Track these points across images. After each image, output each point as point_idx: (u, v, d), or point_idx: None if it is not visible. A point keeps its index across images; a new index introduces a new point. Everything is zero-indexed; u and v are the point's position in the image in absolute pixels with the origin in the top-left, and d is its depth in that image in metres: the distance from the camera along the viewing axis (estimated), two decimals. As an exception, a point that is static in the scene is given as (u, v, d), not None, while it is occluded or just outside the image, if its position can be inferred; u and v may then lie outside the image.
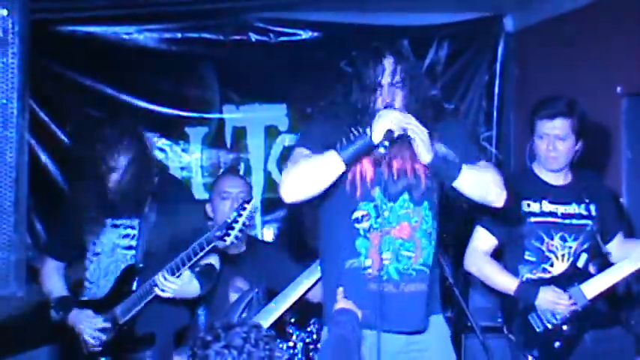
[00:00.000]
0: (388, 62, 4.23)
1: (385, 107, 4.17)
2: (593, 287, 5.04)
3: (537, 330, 5.08)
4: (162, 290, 4.88)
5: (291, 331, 5.66)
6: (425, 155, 4.09)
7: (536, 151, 5.17)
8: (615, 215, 5.36)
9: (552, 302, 5.01)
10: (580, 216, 5.12)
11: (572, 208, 5.13)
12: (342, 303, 4.02)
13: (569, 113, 5.09)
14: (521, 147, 7.70)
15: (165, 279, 4.85)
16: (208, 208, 5.65)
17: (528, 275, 5.12)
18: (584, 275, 5.06)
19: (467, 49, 7.90)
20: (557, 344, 5.05)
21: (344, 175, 4.18)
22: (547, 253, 5.10)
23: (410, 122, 4.08)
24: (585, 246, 5.09)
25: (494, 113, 7.96)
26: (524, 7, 7.51)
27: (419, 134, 4.07)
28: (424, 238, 4.29)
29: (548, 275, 5.10)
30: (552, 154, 5.09)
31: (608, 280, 5.04)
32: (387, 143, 4.03)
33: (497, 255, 5.27)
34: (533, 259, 5.11)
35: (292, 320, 5.67)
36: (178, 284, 4.87)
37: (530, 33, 7.57)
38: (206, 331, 3.16)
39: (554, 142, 5.08)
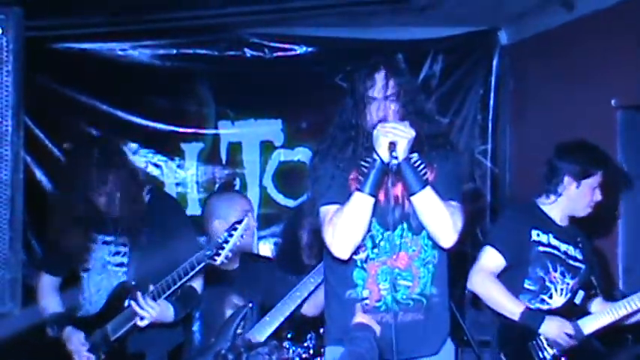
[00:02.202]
0: (380, 76, 4.22)
1: (379, 121, 4.16)
2: (590, 324, 5.08)
3: (536, 359, 5.07)
4: (142, 318, 4.88)
5: (287, 346, 5.65)
6: (400, 155, 4.07)
7: (577, 198, 5.21)
8: (599, 274, 5.43)
9: (558, 331, 5.02)
10: (575, 259, 5.19)
11: (570, 250, 5.19)
12: (359, 317, 3.99)
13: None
14: (516, 160, 7.71)
15: (143, 306, 4.85)
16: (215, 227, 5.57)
17: (527, 304, 5.12)
18: (580, 312, 5.10)
19: (462, 63, 7.91)
20: None
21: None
22: (547, 284, 5.12)
23: (396, 127, 4.08)
24: (581, 285, 5.15)
25: (490, 127, 7.96)
26: (518, 21, 7.51)
27: (401, 135, 4.06)
28: (422, 267, 4.28)
29: (545, 307, 5.11)
30: (595, 204, 5.21)
31: (605, 319, 5.08)
32: (395, 154, 4.05)
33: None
34: (533, 288, 5.12)
35: (289, 336, 5.66)
36: (157, 310, 4.87)
37: (525, 46, 7.58)
38: (228, 350, 3.12)
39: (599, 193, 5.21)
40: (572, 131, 5.96)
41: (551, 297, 5.12)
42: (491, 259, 5.17)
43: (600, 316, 5.10)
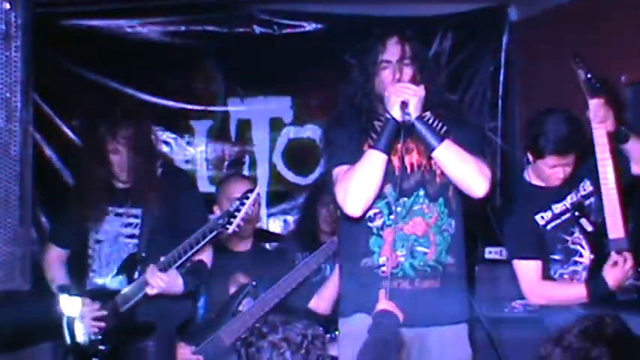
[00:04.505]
0: (392, 40, 4.27)
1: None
2: (615, 228, 4.88)
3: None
4: (151, 287, 4.91)
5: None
6: (412, 113, 4.10)
7: (540, 171, 5.05)
8: None
9: (622, 275, 4.85)
10: (583, 197, 5.07)
11: (572, 196, 5.08)
12: (383, 304, 3.97)
13: (576, 147, 4.97)
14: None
15: (153, 275, 4.88)
16: (217, 210, 5.56)
17: (561, 271, 5.07)
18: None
19: (471, 40, 7.90)
20: None
21: None
22: (572, 247, 5.04)
23: (407, 86, 4.13)
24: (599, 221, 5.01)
25: (499, 104, 7.95)
26: (528, -3, 7.51)
27: (412, 94, 4.10)
28: (439, 235, 4.30)
29: (580, 267, 5.04)
30: (561, 177, 5.02)
31: (613, 211, 4.88)
32: (408, 111, 4.08)
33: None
34: (559, 257, 5.06)
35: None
36: (165, 280, 4.89)
37: (534, 23, 7.56)
38: (262, 323, 3.13)
39: (564, 170, 5.01)
40: (581, 108, 5.94)
41: (581, 255, 5.04)
42: (528, 270, 5.07)
43: (609, 214, 4.87)
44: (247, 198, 4.82)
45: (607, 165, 4.87)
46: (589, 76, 4.89)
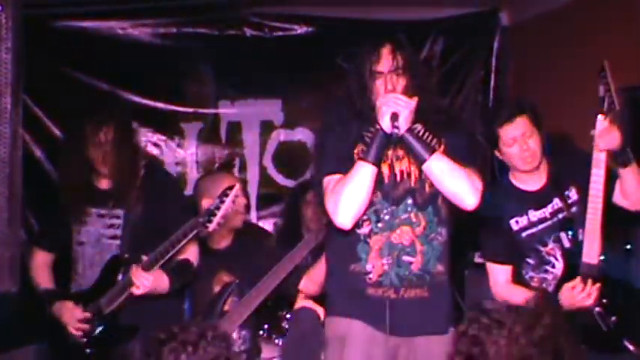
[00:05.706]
0: (385, 50, 4.20)
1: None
2: (590, 248, 4.80)
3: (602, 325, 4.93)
4: (136, 287, 4.90)
5: (286, 326, 5.65)
6: (402, 125, 4.06)
7: (508, 159, 5.01)
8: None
9: (578, 300, 4.81)
10: (564, 208, 5.03)
11: (556, 203, 5.05)
12: (302, 302, 4.00)
13: (523, 111, 4.91)
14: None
15: (136, 276, 4.87)
16: (207, 203, 5.53)
17: (532, 274, 5.06)
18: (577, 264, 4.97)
19: (462, 44, 7.90)
20: (612, 318, 4.85)
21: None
22: (547, 258, 5.03)
23: (398, 97, 4.09)
24: (580, 236, 4.99)
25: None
26: (519, 2, 7.50)
27: (402, 106, 4.05)
28: (427, 244, 4.24)
29: (551, 276, 5.03)
30: (527, 153, 4.93)
31: (593, 235, 4.81)
32: (397, 124, 4.03)
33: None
34: (532, 261, 5.04)
35: (287, 316, 5.66)
36: (151, 280, 4.88)
37: (526, 27, 7.57)
38: (161, 330, 3.12)
39: (526, 141, 4.92)
40: (571, 112, 5.95)
41: (553, 267, 5.03)
42: (497, 273, 5.07)
43: (588, 238, 4.79)
44: (227, 195, 4.80)
45: (599, 183, 4.78)
46: (608, 94, 4.81)
